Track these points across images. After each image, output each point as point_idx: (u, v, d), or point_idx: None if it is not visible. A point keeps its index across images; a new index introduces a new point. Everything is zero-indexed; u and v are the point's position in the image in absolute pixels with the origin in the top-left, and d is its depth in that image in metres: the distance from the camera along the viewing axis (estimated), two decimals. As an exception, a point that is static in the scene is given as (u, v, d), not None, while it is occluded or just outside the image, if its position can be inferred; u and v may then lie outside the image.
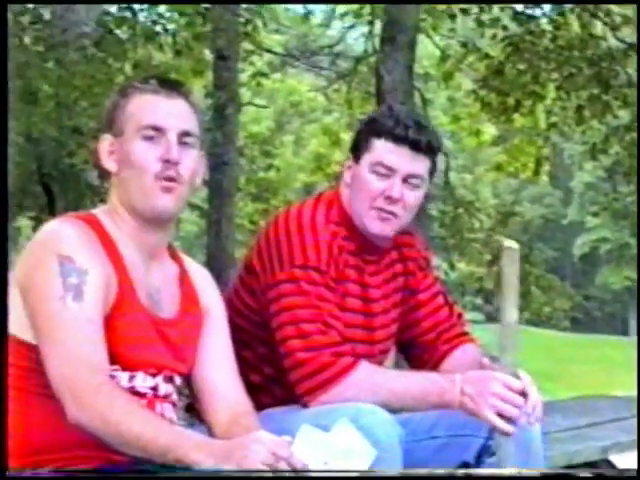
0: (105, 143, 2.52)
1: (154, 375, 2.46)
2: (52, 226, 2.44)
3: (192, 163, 2.50)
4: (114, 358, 2.36)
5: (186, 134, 2.49)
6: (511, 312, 2.56)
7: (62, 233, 2.40)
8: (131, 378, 2.42)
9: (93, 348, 2.31)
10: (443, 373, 2.84)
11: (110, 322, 2.37)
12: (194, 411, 2.68)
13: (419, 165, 2.84)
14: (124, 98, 2.51)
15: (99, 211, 2.53)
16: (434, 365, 3.00)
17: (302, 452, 2.20)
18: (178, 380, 2.55)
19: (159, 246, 2.55)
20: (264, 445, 2.13)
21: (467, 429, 2.82)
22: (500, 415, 2.59)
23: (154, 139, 2.46)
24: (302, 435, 2.27)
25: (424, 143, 2.82)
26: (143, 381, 2.44)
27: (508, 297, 2.56)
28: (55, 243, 2.38)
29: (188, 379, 2.60)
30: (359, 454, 2.28)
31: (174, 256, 2.62)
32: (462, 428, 2.82)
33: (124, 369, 2.41)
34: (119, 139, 2.49)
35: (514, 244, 2.58)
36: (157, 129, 2.46)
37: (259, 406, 2.67)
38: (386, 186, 2.82)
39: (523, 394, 2.61)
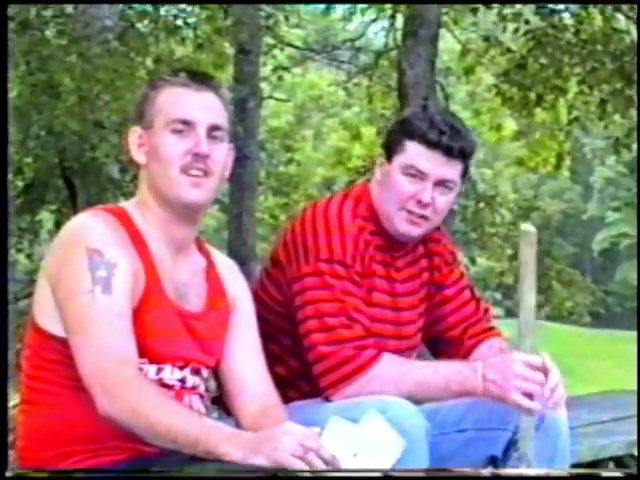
0: (134, 135, 2.52)
1: (182, 368, 2.47)
2: (81, 220, 2.44)
3: (222, 157, 2.50)
4: (142, 351, 2.36)
5: (216, 128, 2.48)
6: (529, 295, 2.56)
7: (91, 226, 2.40)
8: (159, 371, 2.43)
9: (122, 341, 2.31)
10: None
11: (137, 315, 2.38)
12: (221, 404, 2.69)
13: (451, 170, 2.81)
14: (154, 90, 2.50)
15: (128, 204, 2.54)
16: (460, 360, 2.98)
17: (331, 444, 2.20)
18: (205, 372, 2.55)
19: (187, 239, 2.55)
20: (294, 437, 2.13)
21: (494, 423, 2.80)
22: (525, 395, 2.59)
23: (183, 133, 2.45)
24: (331, 427, 2.27)
25: (457, 149, 2.79)
26: (171, 373, 2.45)
27: (526, 280, 2.56)
28: (84, 237, 2.38)
29: (215, 372, 2.60)
30: (388, 445, 2.28)
31: (201, 249, 2.62)
32: (489, 422, 2.81)
33: (152, 362, 2.41)
34: (148, 132, 2.49)
35: (531, 228, 2.58)
36: (186, 123, 2.45)
37: (286, 400, 2.67)
38: (417, 189, 2.80)
39: (545, 374, 2.60)
